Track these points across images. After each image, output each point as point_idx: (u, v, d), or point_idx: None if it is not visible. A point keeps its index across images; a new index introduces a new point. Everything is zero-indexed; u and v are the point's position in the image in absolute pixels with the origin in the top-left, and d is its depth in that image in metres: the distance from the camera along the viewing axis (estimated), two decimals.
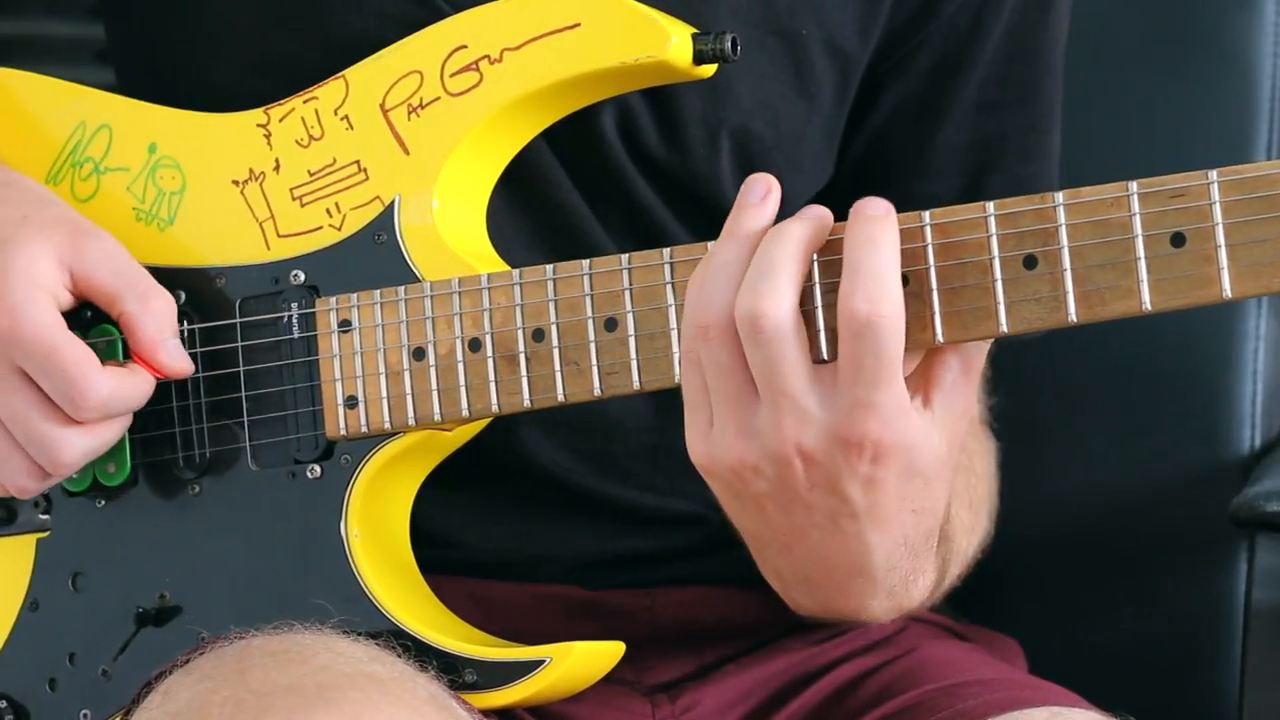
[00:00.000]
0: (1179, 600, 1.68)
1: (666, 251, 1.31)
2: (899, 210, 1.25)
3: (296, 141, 1.41)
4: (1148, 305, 1.22)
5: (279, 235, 1.41)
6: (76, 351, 1.34)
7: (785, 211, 1.46)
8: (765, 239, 1.24)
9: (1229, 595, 1.67)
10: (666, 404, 1.45)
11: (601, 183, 1.44)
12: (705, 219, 1.44)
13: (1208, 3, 1.70)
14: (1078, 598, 1.71)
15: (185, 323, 1.41)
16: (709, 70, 1.36)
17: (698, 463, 1.28)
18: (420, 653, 1.34)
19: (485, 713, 1.35)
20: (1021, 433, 1.60)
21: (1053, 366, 1.68)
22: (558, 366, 1.33)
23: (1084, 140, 1.65)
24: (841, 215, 1.27)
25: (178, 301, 1.41)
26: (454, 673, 1.35)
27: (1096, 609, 1.70)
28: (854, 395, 1.23)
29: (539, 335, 1.34)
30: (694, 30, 1.35)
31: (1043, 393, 1.67)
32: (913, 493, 1.27)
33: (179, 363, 1.38)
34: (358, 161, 1.40)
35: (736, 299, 1.23)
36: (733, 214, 1.27)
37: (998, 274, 1.24)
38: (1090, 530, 1.70)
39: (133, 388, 1.36)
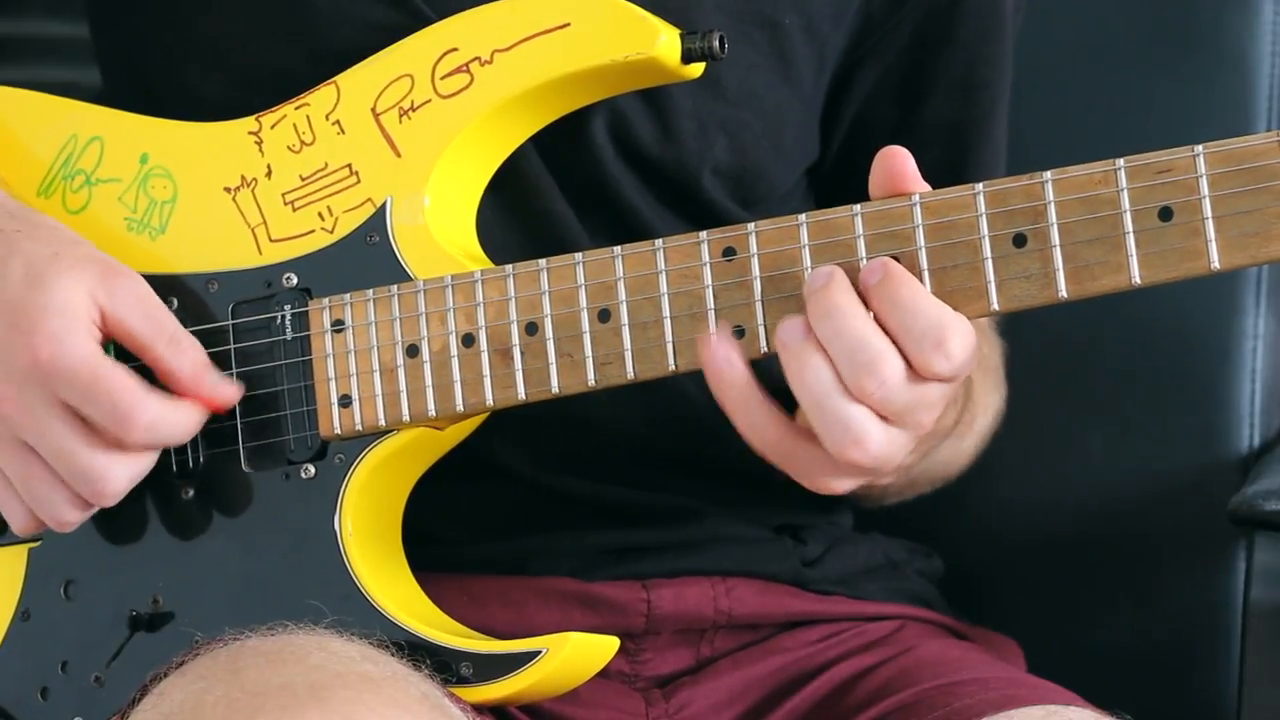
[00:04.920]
0: (1178, 599, 1.68)
1: (658, 240, 1.32)
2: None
3: (288, 147, 1.42)
4: (1137, 279, 1.23)
5: (271, 240, 1.42)
6: (122, 375, 1.34)
7: (776, 194, 1.47)
8: (819, 323, 1.25)
9: (1228, 594, 1.67)
10: (657, 411, 1.45)
11: (589, 188, 1.45)
12: (692, 220, 1.45)
13: (1206, 3, 1.71)
14: (1076, 597, 1.71)
15: None
16: (697, 70, 1.37)
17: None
18: (415, 650, 1.34)
19: (479, 709, 1.35)
20: (1021, 433, 1.61)
21: (1052, 367, 1.68)
22: (552, 359, 1.34)
23: (1083, 140, 1.67)
24: (838, 197, 1.29)
25: (170, 308, 1.42)
26: (448, 670, 1.35)
27: (1095, 608, 1.70)
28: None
29: (532, 329, 1.34)
30: (682, 30, 1.37)
31: (1042, 393, 1.67)
32: None
33: (226, 389, 1.38)
34: (349, 165, 1.41)
35: (851, 384, 1.24)
36: (719, 372, 1.27)
37: (987, 253, 1.25)
38: (1089, 530, 1.71)
39: (180, 415, 1.36)
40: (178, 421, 1.36)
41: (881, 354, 1.24)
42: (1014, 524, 1.55)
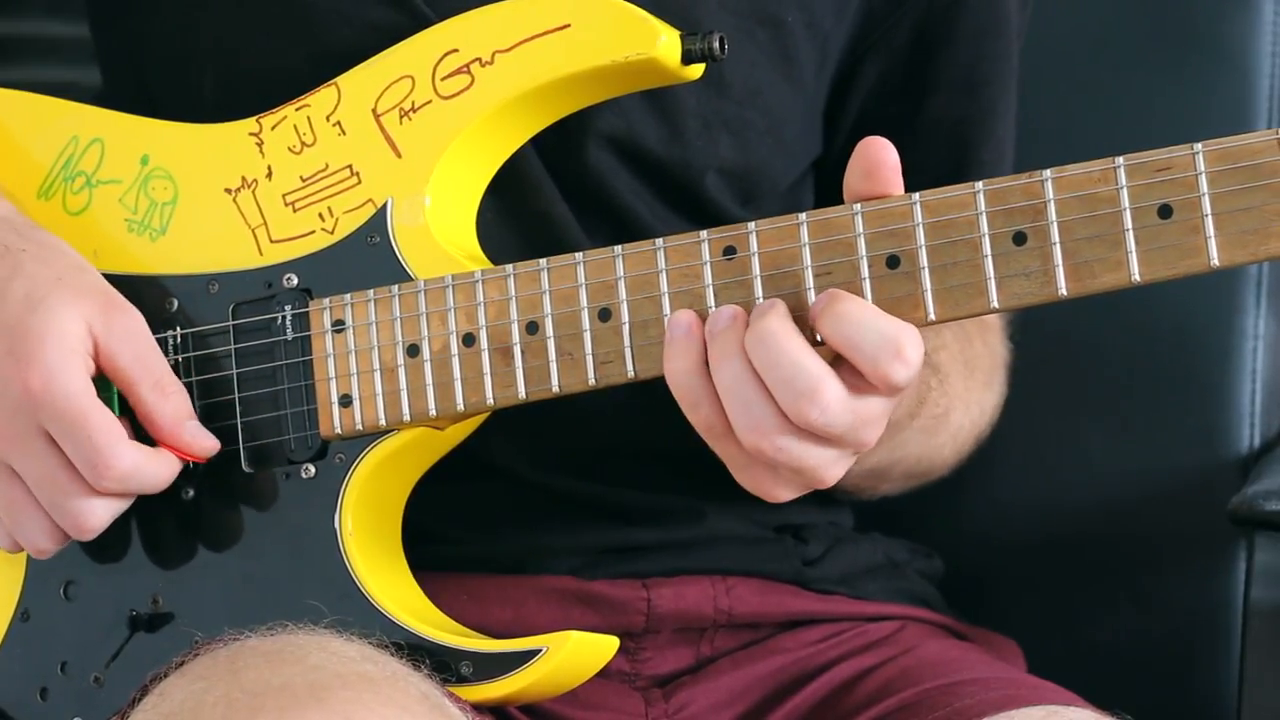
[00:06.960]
0: (1178, 599, 1.69)
1: (659, 240, 1.32)
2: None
3: (289, 148, 1.42)
4: (1137, 277, 1.24)
5: (271, 241, 1.42)
6: (105, 421, 1.34)
7: (777, 191, 1.47)
8: (755, 350, 1.25)
9: (1228, 594, 1.67)
10: (657, 410, 1.45)
11: (589, 189, 1.45)
12: (693, 220, 1.46)
13: (1206, 3, 1.71)
14: (1077, 597, 1.71)
15: (178, 328, 1.42)
16: (697, 71, 1.37)
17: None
18: (415, 650, 1.34)
19: (479, 709, 1.35)
20: (1021, 433, 1.61)
21: (1052, 367, 1.68)
22: (552, 358, 1.34)
23: (1082, 139, 1.67)
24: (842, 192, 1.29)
25: (170, 309, 1.42)
26: (447, 670, 1.35)
27: (1095, 609, 1.70)
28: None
29: (533, 328, 1.34)
30: (682, 31, 1.37)
31: (1042, 393, 1.67)
32: None
33: (202, 442, 1.38)
34: (350, 166, 1.41)
35: (791, 413, 1.24)
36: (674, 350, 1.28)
37: (987, 250, 1.26)
38: (1089, 530, 1.71)
39: (156, 467, 1.37)
40: (153, 472, 1.36)
41: (821, 379, 1.24)
42: (1014, 524, 1.56)
